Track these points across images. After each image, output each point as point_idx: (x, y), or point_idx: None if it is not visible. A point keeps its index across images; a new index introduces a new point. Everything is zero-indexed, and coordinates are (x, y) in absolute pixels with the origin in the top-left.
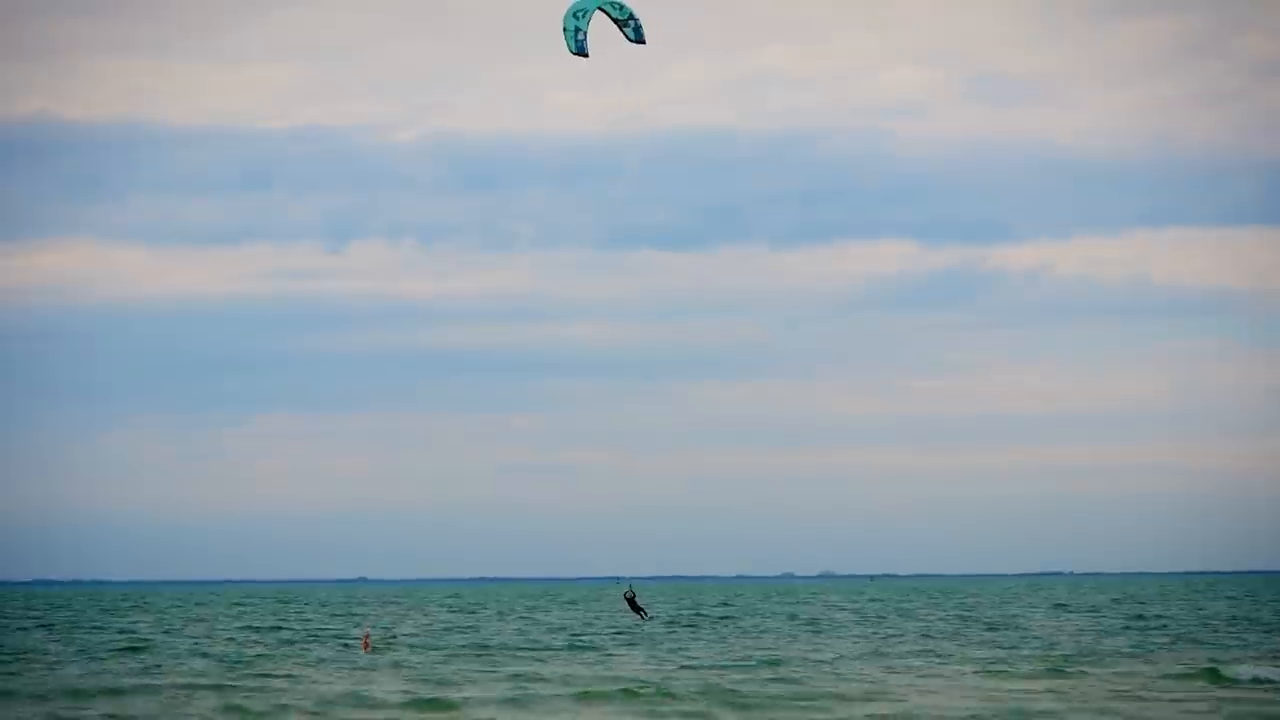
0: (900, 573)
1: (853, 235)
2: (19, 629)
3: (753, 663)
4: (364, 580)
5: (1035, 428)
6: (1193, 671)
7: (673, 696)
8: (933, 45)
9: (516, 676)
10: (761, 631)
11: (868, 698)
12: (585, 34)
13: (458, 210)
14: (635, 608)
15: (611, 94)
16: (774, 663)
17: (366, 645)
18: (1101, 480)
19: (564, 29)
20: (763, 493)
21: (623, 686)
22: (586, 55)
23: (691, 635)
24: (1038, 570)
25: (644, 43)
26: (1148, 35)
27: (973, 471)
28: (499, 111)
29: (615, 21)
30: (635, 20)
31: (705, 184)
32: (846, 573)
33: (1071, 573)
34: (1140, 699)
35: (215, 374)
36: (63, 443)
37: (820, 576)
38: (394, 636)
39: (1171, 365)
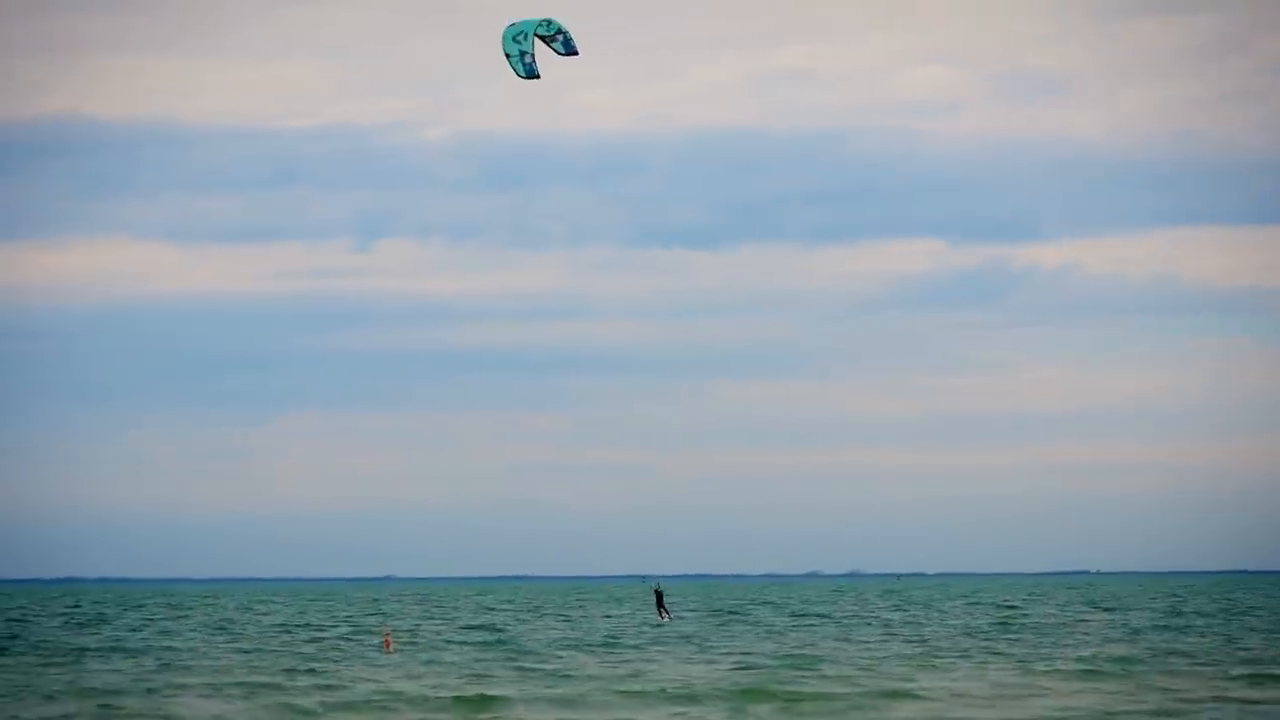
0: (927, 571)
1: (880, 234)
2: (59, 626)
3: (801, 660)
4: (390, 578)
5: (1063, 426)
6: (1243, 674)
7: (720, 697)
8: (959, 44)
9: (557, 674)
10: (802, 629)
11: (920, 696)
12: (532, 56)
13: (485, 208)
14: (660, 606)
15: (639, 92)
16: (820, 660)
17: (389, 645)
18: (1129, 479)
19: (507, 55)
20: (790, 491)
21: (667, 685)
22: (538, 77)
23: (733, 632)
24: (1063, 569)
25: (576, 53)
26: (1174, 33)
27: (1001, 470)
28: (527, 109)
29: (543, 39)
30: (564, 33)
31: (732, 183)
32: (873, 571)
33: (1097, 571)
34: (1195, 700)
35: (242, 372)
36: (91, 440)
37: (847, 575)
38: (424, 633)
39: (1199, 363)
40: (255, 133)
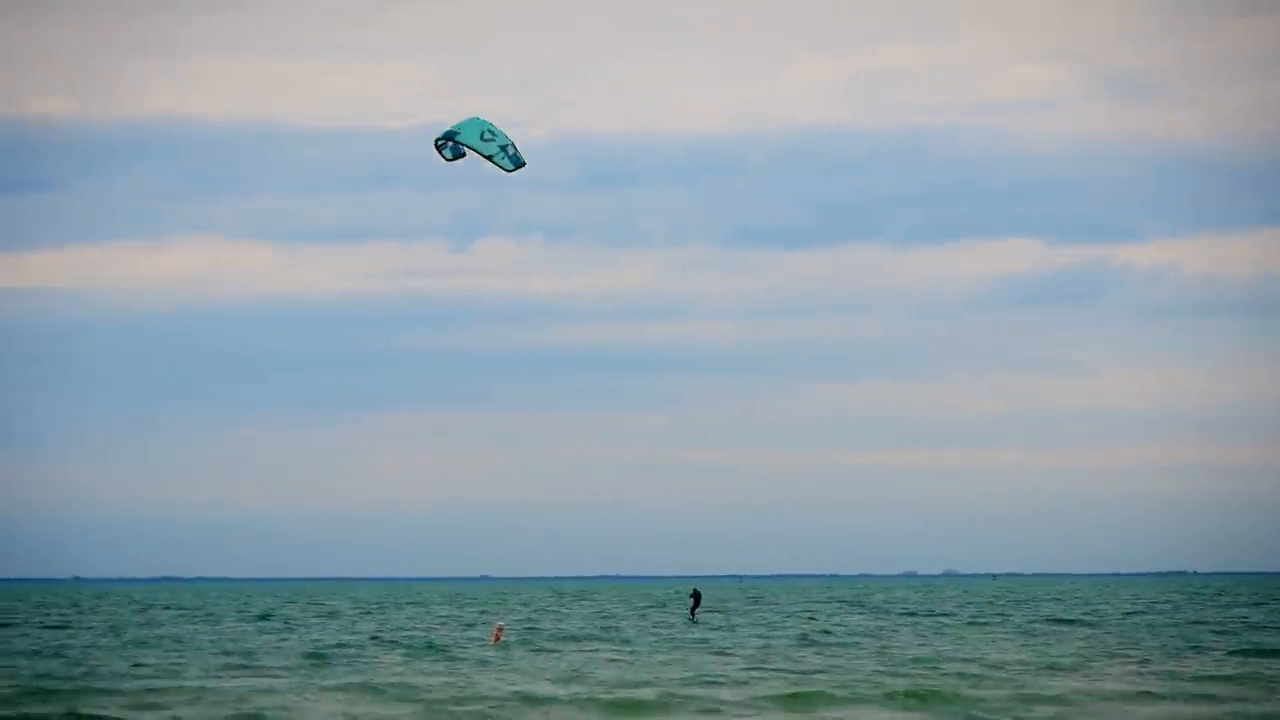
0: (1023, 571)
1: (977, 234)
2: (183, 622)
3: (963, 662)
4: (485, 578)
5: (1160, 426)
6: None
7: (919, 696)
8: (1057, 42)
9: (700, 678)
10: (938, 630)
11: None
12: (514, 146)
13: (583, 208)
14: (695, 607)
15: (737, 92)
16: (976, 661)
17: (498, 637)
18: (1230, 479)
19: (489, 157)
20: (886, 491)
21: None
22: (524, 164)
23: (893, 631)
24: (1160, 569)
25: (523, 164)
26: (1274, 31)
27: (1098, 470)
28: (625, 109)
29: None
30: (510, 148)
31: (830, 182)
32: (969, 571)
33: (1194, 571)
34: None
35: (339, 372)
36: (188, 441)
37: (943, 575)
38: (538, 629)
39: None
40: (352, 133)
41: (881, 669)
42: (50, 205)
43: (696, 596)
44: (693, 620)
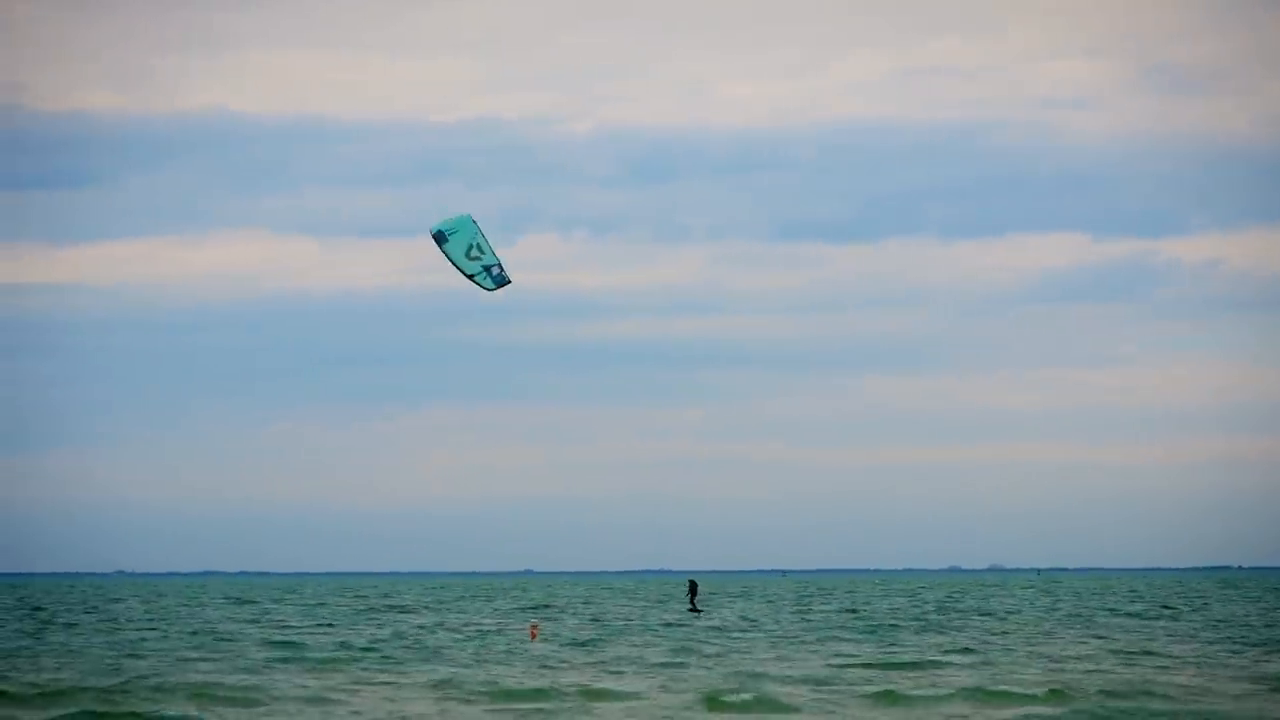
0: (1068, 566)
1: (1022, 228)
2: (235, 619)
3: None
4: (529, 572)
5: (1207, 421)
6: None
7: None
8: (1104, 36)
9: (810, 678)
10: (1014, 628)
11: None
12: (499, 266)
13: (628, 203)
14: (693, 598)
15: (782, 85)
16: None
17: (535, 634)
18: (1272, 474)
19: (471, 276)
20: (930, 485)
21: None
22: (510, 282)
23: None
24: (1206, 564)
25: (507, 283)
26: None
27: (1143, 465)
28: (671, 103)
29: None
30: (496, 268)
31: (874, 176)
32: (1014, 566)
33: (1239, 566)
34: None
35: (384, 366)
36: (232, 434)
37: (988, 570)
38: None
39: None
40: (399, 128)
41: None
42: (97, 200)
43: (693, 587)
44: (693, 611)
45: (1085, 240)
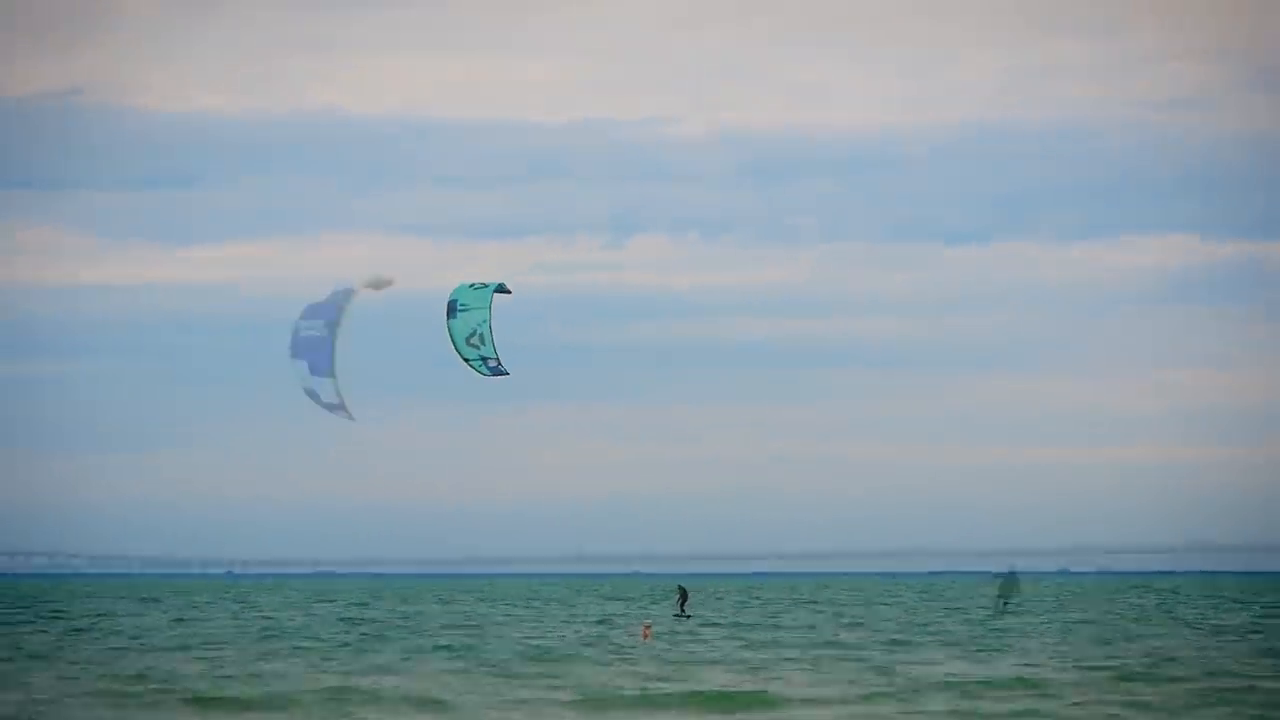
0: (1175, 570)
1: (1134, 229)
2: (346, 619)
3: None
4: (637, 574)
5: None
6: None
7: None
8: (1219, 37)
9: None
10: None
11: None
12: (496, 359)
13: (739, 204)
14: (682, 602)
15: (896, 87)
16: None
17: (647, 634)
18: None
19: (467, 360)
20: (1039, 485)
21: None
22: (507, 374)
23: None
24: None
25: (504, 374)
26: None
27: (1256, 465)
28: (784, 105)
29: (466, 360)
30: (493, 360)
31: (987, 178)
32: (1121, 569)
33: None
34: None
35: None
36: (341, 436)
37: (1098, 572)
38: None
39: None
40: (509, 129)
41: None
42: (211, 201)
43: (683, 593)
44: (683, 615)
45: (1196, 241)
